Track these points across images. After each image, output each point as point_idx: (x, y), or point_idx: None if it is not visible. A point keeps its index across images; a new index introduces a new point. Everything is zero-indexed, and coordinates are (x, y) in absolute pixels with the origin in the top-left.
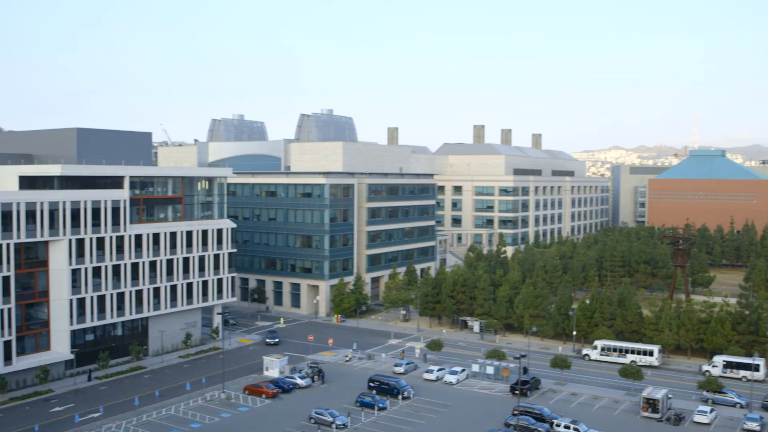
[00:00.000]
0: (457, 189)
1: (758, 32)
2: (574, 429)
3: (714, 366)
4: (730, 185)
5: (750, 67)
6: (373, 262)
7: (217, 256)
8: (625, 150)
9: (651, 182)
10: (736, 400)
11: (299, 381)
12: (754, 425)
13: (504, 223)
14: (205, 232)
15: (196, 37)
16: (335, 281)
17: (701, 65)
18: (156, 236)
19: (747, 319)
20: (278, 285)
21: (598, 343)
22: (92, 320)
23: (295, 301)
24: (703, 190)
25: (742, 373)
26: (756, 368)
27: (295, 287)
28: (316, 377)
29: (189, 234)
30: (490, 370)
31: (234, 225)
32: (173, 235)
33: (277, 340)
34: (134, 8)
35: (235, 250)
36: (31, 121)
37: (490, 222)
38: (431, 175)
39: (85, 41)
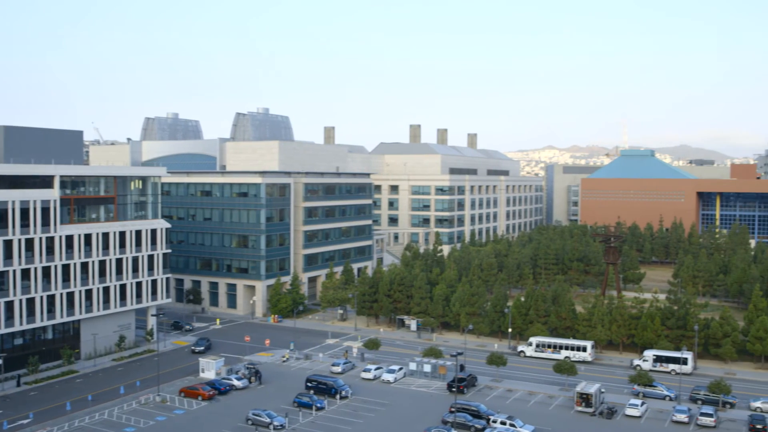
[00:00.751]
0: (394, 188)
1: (684, 38)
2: (510, 425)
3: (644, 360)
4: (659, 184)
5: (678, 71)
6: (310, 261)
7: (151, 257)
8: (559, 150)
9: (583, 181)
10: (666, 393)
11: (236, 382)
12: (682, 417)
13: (440, 222)
14: (138, 233)
15: (129, 34)
16: (272, 281)
17: (632, 68)
18: (88, 237)
19: (675, 314)
20: (214, 285)
21: (533, 339)
22: (21, 323)
23: (232, 302)
24: (634, 189)
25: (671, 366)
26: (684, 362)
27: (232, 288)
28: (253, 378)
29: (122, 234)
30: (427, 368)
31: (168, 225)
32: (105, 235)
33: (202, 348)
34: (63, 4)
35: (169, 251)
36: None
37: (426, 221)
38: (368, 175)
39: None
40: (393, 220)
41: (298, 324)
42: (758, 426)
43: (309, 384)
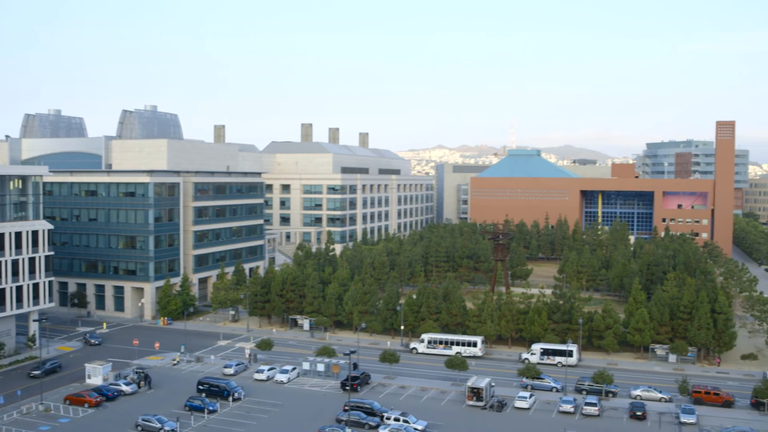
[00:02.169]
0: (286, 187)
1: (568, 40)
2: (404, 421)
3: (532, 354)
4: (545, 183)
5: (564, 73)
6: (201, 262)
7: (32, 260)
8: (449, 149)
9: (473, 180)
10: (553, 384)
11: (124, 387)
12: (568, 407)
13: (332, 221)
14: (18, 234)
15: (6, 27)
16: (161, 283)
17: (519, 69)
18: None
19: (561, 309)
20: (100, 288)
21: (425, 336)
22: None
23: (119, 305)
24: (521, 187)
25: (558, 359)
26: (570, 354)
27: (119, 290)
28: (142, 383)
29: (0, 236)
30: (320, 367)
31: (51, 226)
32: None
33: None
34: None
35: (52, 253)
36: None
37: (318, 220)
38: (259, 174)
39: None
40: (285, 220)
41: (188, 326)
42: (638, 413)
43: (201, 387)
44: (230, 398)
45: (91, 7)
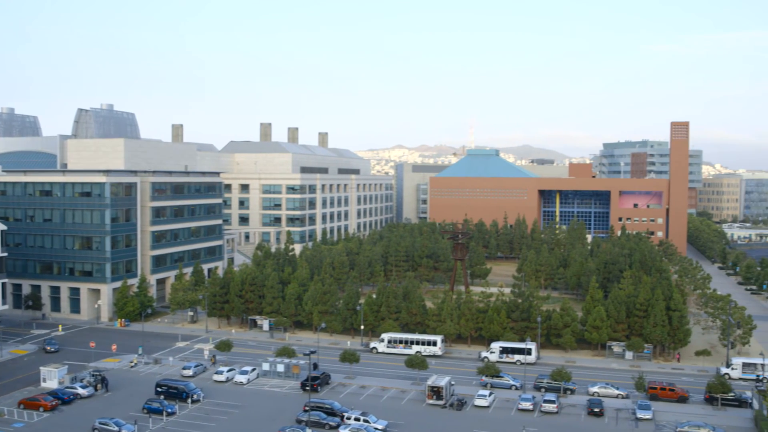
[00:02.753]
0: (245, 187)
1: (531, 41)
2: (364, 420)
3: (492, 352)
4: (504, 182)
5: (522, 73)
6: (159, 263)
7: None
8: (408, 149)
9: (432, 180)
10: (512, 382)
11: (81, 391)
12: (527, 405)
13: (292, 221)
14: None
15: None
16: (118, 284)
17: (479, 69)
18: None
19: (520, 307)
20: (55, 290)
21: (385, 336)
22: None
23: (75, 307)
24: (480, 187)
25: (517, 357)
26: (528, 352)
27: (75, 292)
28: (99, 386)
29: None
30: (280, 367)
31: (4, 227)
32: None
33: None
34: None
35: (5, 254)
36: None
37: (277, 220)
38: (218, 174)
39: None
40: (244, 220)
41: (146, 327)
42: (595, 409)
43: (159, 389)
44: (189, 400)
45: (44, 3)
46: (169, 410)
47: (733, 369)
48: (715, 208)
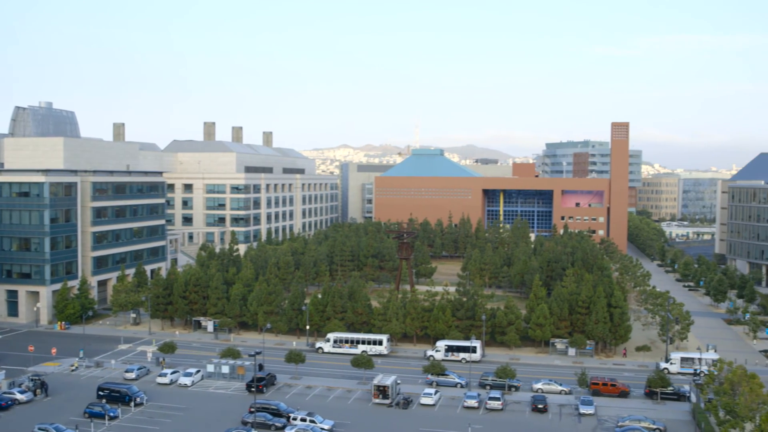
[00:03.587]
0: (188, 187)
1: (476, 42)
2: (310, 421)
3: (437, 351)
4: (448, 182)
5: (467, 74)
6: (100, 264)
7: None
8: (353, 148)
9: (377, 180)
10: (457, 380)
11: (19, 396)
12: (472, 402)
13: (236, 221)
14: None
15: None
16: (58, 286)
17: (424, 70)
18: None
19: (465, 306)
20: None
21: (331, 335)
22: None
23: (12, 310)
24: (425, 186)
25: (462, 355)
26: (473, 350)
27: (12, 294)
28: (38, 390)
29: None
30: (225, 369)
31: None
32: None
33: None
34: None
35: None
36: None
37: (222, 220)
38: (160, 173)
39: None
40: (187, 220)
41: (87, 330)
42: (539, 406)
43: (101, 393)
44: (132, 403)
45: None
46: (112, 414)
47: (671, 364)
48: (654, 207)
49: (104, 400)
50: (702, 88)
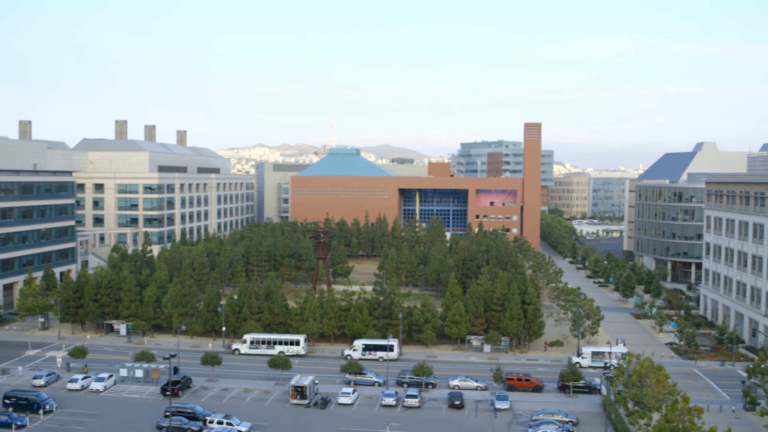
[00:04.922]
0: (99, 187)
1: (390, 43)
2: (228, 423)
3: (354, 350)
4: (365, 181)
5: (382, 74)
6: (6, 267)
7: None
8: (269, 148)
9: (293, 179)
10: (375, 379)
11: None
12: (390, 400)
13: (149, 221)
14: None
15: None
16: None
17: (340, 70)
18: None
19: (382, 305)
20: None
21: (247, 337)
22: None
23: None
24: (341, 186)
25: (379, 354)
26: (391, 349)
27: None
28: None
29: None
30: (139, 373)
31: None
32: None
33: None
34: None
35: None
36: None
37: (134, 221)
38: (70, 173)
39: None
40: (98, 221)
41: None
42: (456, 402)
43: (7, 401)
44: (41, 411)
45: None
46: (19, 423)
47: (583, 358)
48: (565, 206)
49: (11, 409)
50: (613, 91)
